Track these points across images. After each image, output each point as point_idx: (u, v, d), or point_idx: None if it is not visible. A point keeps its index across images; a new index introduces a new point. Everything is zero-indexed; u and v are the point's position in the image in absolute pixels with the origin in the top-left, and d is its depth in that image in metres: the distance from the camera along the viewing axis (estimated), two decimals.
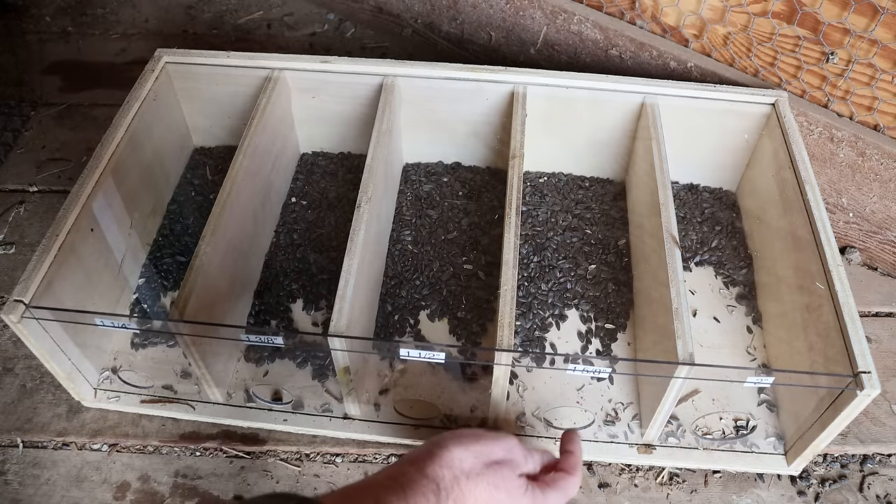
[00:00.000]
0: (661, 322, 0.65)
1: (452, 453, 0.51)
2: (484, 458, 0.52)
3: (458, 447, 0.51)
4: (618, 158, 0.88)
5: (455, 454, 0.51)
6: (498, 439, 0.54)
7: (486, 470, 0.51)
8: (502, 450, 0.54)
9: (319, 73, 0.83)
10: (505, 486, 0.51)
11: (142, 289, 0.80)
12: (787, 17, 0.76)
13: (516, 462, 0.54)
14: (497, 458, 0.53)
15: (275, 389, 0.73)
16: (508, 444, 0.55)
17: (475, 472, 0.50)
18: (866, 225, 0.83)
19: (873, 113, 0.76)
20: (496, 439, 0.54)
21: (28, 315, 0.61)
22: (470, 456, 0.51)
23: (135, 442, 0.71)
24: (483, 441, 0.53)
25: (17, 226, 0.90)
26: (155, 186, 0.84)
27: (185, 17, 1.23)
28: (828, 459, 0.70)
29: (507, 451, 0.54)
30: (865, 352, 0.58)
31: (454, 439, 0.52)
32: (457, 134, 0.88)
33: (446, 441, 0.52)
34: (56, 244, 0.65)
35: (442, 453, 0.51)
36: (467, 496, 0.49)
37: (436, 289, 0.79)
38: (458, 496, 0.49)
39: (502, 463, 0.53)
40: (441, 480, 0.49)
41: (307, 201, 0.88)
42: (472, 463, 0.51)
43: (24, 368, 0.76)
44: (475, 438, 0.53)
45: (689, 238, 0.84)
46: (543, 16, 0.93)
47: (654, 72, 0.88)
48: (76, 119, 1.04)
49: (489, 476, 0.51)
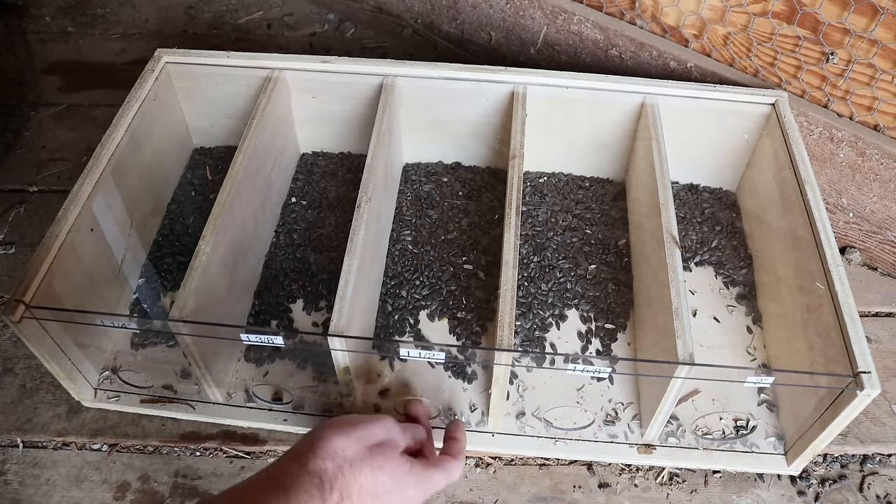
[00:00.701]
0: (661, 322, 0.65)
1: (333, 443, 0.50)
2: (365, 442, 0.52)
3: (338, 436, 0.51)
4: (618, 158, 0.88)
5: (336, 443, 0.50)
6: (376, 421, 0.54)
7: (369, 454, 0.51)
8: (382, 430, 0.54)
9: (319, 73, 0.83)
10: (389, 468, 0.51)
11: (142, 289, 0.80)
12: (787, 17, 0.76)
13: (396, 441, 0.54)
14: (378, 439, 0.53)
15: (275, 389, 0.73)
16: (387, 424, 0.55)
17: (358, 457, 0.50)
18: (866, 225, 0.83)
19: (873, 113, 0.76)
20: (374, 421, 0.54)
21: (28, 315, 0.61)
22: (351, 443, 0.51)
23: (135, 442, 0.71)
24: (362, 425, 0.53)
25: (17, 226, 0.90)
26: (155, 186, 0.84)
27: (185, 17, 1.23)
28: (828, 459, 0.70)
29: (386, 431, 0.54)
30: (865, 352, 0.58)
31: (333, 428, 0.52)
32: (457, 134, 0.88)
33: (326, 431, 0.51)
34: (56, 244, 0.65)
35: (323, 444, 0.50)
36: (352, 484, 0.49)
37: (436, 289, 0.79)
38: (342, 486, 0.48)
39: (383, 444, 0.53)
40: (324, 473, 0.48)
41: (307, 201, 0.88)
42: (355, 449, 0.51)
43: (24, 368, 0.76)
44: (354, 424, 0.53)
45: (689, 238, 0.84)
46: (543, 16, 0.93)
47: (654, 72, 0.88)
48: (76, 119, 1.04)
49: (371, 459, 0.51)
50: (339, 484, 0.48)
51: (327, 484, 0.48)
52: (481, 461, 0.70)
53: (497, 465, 0.70)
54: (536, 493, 0.68)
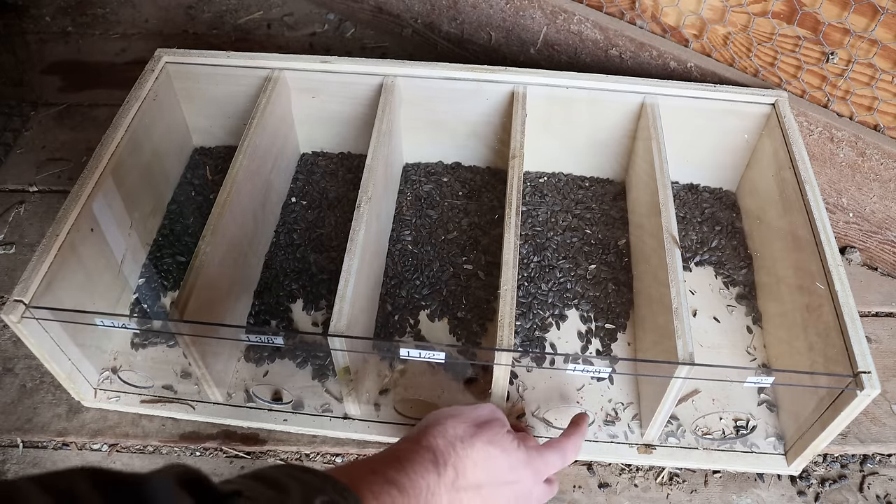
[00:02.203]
0: (661, 322, 0.65)
1: (444, 424, 0.54)
2: (473, 422, 0.55)
3: (447, 418, 0.55)
4: (618, 158, 0.88)
5: (447, 424, 0.54)
6: (480, 405, 0.59)
7: (479, 430, 0.54)
8: (487, 411, 0.58)
9: (319, 73, 0.83)
10: (499, 442, 0.54)
11: (142, 289, 0.80)
12: (787, 17, 0.76)
13: (502, 420, 0.58)
14: (485, 418, 0.56)
15: (275, 389, 0.73)
16: (490, 407, 0.59)
17: (468, 434, 0.54)
18: (866, 225, 0.83)
19: (873, 113, 0.76)
20: (479, 405, 0.59)
21: (28, 315, 0.61)
22: (460, 423, 0.55)
23: (135, 442, 0.71)
24: (468, 409, 0.57)
25: (17, 226, 0.90)
26: (155, 186, 0.84)
27: (185, 17, 1.23)
28: (828, 459, 0.70)
29: (491, 412, 0.58)
30: (865, 352, 0.58)
31: (444, 414, 0.56)
32: (457, 134, 0.88)
33: (436, 416, 0.56)
34: (56, 244, 0.65)
35: (434, 426, 0.54)
36: (464, 459, 0.52)
37: (436, 289, 0.79)
38: (455, 461, 0.51)
39: (491, 422, 0.56)
40: (437, 448, 0.52)
41: (307, 201, 0.88)
42: (465, 428, 0.54)
43: (24, 368, 0.76)
44: (460, 409, 0.57)
45: (689, 238, 0.84)
46: (543, 16, 0.93)
47: (654, 72, 0.88)
48: (76, 119, 1.04)
49: (482, 434, 0.54)
50: (453, 460, 0.51)
51: (441, 458, 0.51)
52: None
53: None
54: None
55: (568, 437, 0.60)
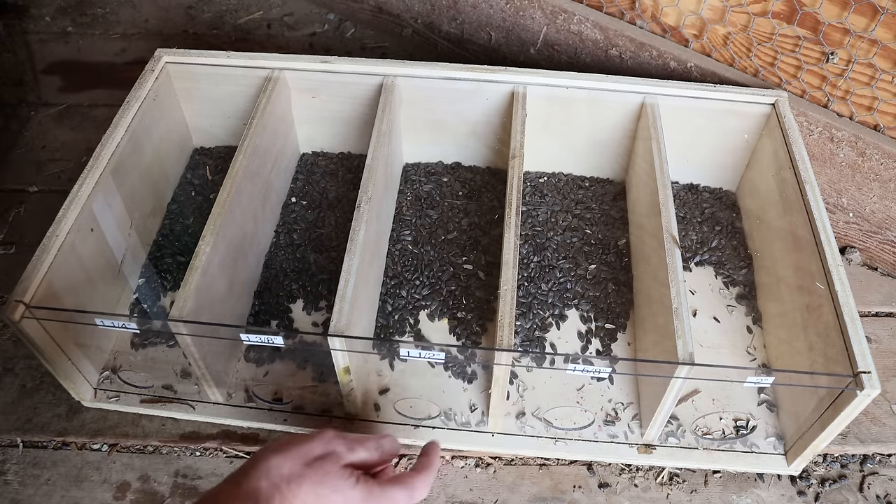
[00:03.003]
0: (661, 322, 0.65)
1: (269, 462, 0.49)
2: (302, 459, 0.51)
3: (274, 455, 0.50)
4: (618, 158, 0.88)
5: (271, 462, 0.49)
6: (315, 436, 0.53)
7: (307, 469, 0.50)
8: (321, 445, 0.52)
9: (319, 73, 0.83)
10: (330, 482, 0.50)
11: (142, 289, 0.80)
12: (787, 17, 0.76)
13: (338, 454, 0.52)
14: (317, 454, 0.51)
15: (275, 389, 0.73)
16: (326, 437, 0.53)
17: (295, 474, 0.49)
18: (866, 225, 0.83)
19: (873, 113, 0.76)
20: (313, 437, 0.53)
21: (28, 315, 0.61)
22: (287, 461, 0.50)
23: (135, 442, 0.71)
24: (299, 442, 0.52)
25: (17, 226, 0.90)
26: (155, 186, 0.84)
27: (185, 17, 1.23)
28: (828, 459, 0.70)
29: (325, 444, 0.53)
30: (865, 352, 0.58)
31: (271, 448, 0.51)
32: (457, 134, 0.88)
33: (263, 452, 0.51)
34: (56, 244, 0.65)
35: (258, 464, 0.49)
36: (291, 500, 0.48)
37: (436, 289, 0.79)
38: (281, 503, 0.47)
39: (323, 457, 0.51)
40: (258, 492, 0.47)
41: (307, 201, 0.88)
42: (291, 466, 0.50)
43: (24, 368, 0.76)
44: (291, 443, 0.52)
45: (689, 238, 0.84)
46: (543, 16, 0.93)
47: (654, 72, 0.88)
48: (76, 119, 1.04)
49: (311, 474, 0.50)
50: (277, 502, 0.47)
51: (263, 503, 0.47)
52: (481, 461, 0.70)
53: (497, 465, 0.70)
54: (536, 493, 0.68)
55: (418, 471, 0.55)
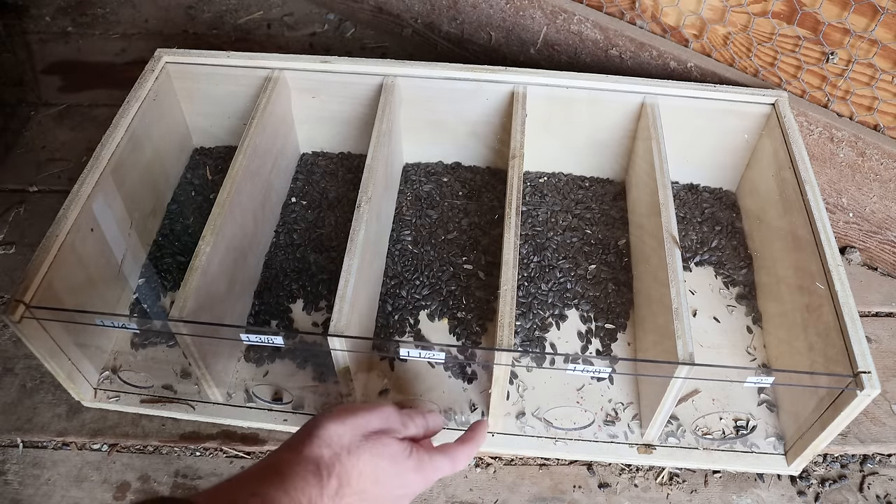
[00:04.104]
0: (661, 322, 0.65)
1: (329, 430, 0.50)
2: (361, 430, 0.51)
3: (333, 423, 0.51)
4: (618, 158, 0.88)
5: (332, 431, 0.50)
6: (373, 409, 0.54)
7: (366, 441, 0.51)
8: (379, 419, 0.53)
9: (319, 73, 0.83)
10: (388, 454, 0.51)
11: (142, 289, 0.80)
12: (787, 17, 0.76)
13: (395, 429, 0.54)
14: (374, 427, 0.52)
15: (275, 389, 0.73)
16: (384, 412, 0.55)
17: (354, 445, 0.50)
18: (866, 225, 0.83)
19: (873, 113, 0.76)
20: (372, 409, 0.54)
21: (28, 315, 0.61)
22: (347, 430, 0.51)
23: (135, 442, 0.71)
24: (359, 413, 0.53)
25: (17, 226, 0.90)
26: (155, 186, 0.84)
27: (185, 17, 1.23)
28: (828, 459, 0.70)
29: (383, 419, 0.54)
30: (865, 352, 0.58)
31: (330, 417, 0.52)
32: (457, 134, 0.88)
33: (322, 420, 0.51)
34: (56, 244, 0.65)
35: (318, 432, 0.50)
36: (350, 471, 0.49)
37: (436, 289, 0.79)
38: (340, 472, 0.48)
39: (381, 432, 0.52)
40: (320, 460, 0.48)
41: (307, 201, 0.88)
42: (351, 437, 0.50)
43: (24, 368, 0.76)
44: (350, 412, 0.52)
45: (689, 238, 0.84)
46: (543, 16, 0.93)
47: (654, 72, 0.88)
48: (76, 119, 1.04)
49: (369, 446, 0.50)
50: (337, 470, 0.48)
51: (324, 470, 0.48)
52: (481, 461, 0.70)
53: (497, 465, 0.70)
54: (536, 493, 0.68)
55: (462, 442, 0.57)
